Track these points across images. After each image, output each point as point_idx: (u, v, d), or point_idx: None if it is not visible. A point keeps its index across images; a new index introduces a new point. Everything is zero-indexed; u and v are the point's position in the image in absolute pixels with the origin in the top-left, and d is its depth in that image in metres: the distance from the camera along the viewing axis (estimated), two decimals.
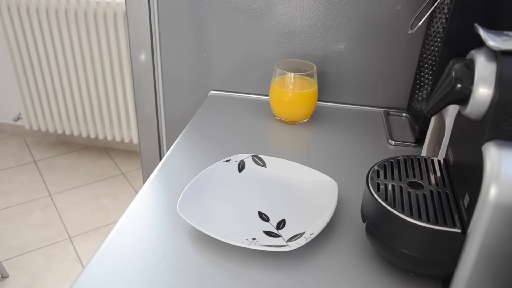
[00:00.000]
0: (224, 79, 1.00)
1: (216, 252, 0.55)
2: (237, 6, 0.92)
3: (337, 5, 0.88)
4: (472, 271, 0.44)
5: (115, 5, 1.89)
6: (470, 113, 0.44)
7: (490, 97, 0.42)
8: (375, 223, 0.51)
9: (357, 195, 0.61)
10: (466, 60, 0.45)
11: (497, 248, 0.43)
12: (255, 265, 0.54)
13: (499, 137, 0.42)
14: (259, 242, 0.55)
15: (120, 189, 2.12)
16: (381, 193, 0.50)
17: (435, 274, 0.50)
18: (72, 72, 2.08)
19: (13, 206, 1.99)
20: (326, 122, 0.88)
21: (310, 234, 0.55)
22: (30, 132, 2.51)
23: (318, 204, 0.62)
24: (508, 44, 0.41)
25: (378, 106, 0.95)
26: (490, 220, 0.42)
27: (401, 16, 0.86)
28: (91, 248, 1.74)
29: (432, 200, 0.49)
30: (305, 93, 0.83)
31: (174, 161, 0.74)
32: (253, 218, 0.60)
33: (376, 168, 0.55)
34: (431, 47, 0.78)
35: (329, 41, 0.91)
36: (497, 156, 0.41)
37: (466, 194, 0.46)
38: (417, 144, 0.81)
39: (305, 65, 0.87)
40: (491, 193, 0.41)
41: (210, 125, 0.87)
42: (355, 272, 0.53)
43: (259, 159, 0.71)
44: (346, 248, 0.57)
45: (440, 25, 0.74)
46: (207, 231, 0.54)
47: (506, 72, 0.41)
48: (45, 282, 1.60)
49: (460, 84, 0.44)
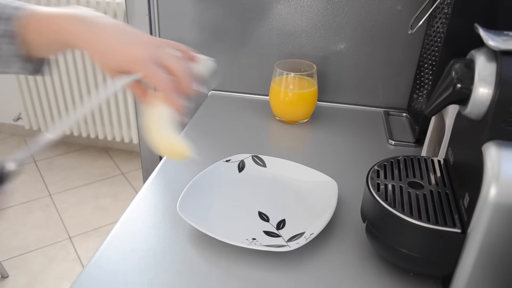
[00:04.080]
0: (224, 79, 1.00)
1: (216, 252, 0.55)
2: (237, 6, 0.92)
3: (337, 5, 0.88)
4: (472, 271, 0.44)
5: (115, 5, 1.88)
6: (470, 113, 0.44)
7: (490, 97, 0.42)
8: (375, 223, 0.51)
9: (357, 195, 0.61)
10: (466, 60, 0.45)
11: (497, 248, 0.43)
12: (255, 265, 0.54)
13: (499, 137, 0.42)
14: (259, 242, 0.55)
15: (120, 189, 2.12)
16: (381, 193, 0.50)
17: (435, 274, 0.50)
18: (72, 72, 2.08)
19: (13, 206, 1.98)
20: (326, 122, 0.88)
21: (310, 234, 0.55)
22: (30, 132, 2.51)
23: (318, 204, 0.62)
24: (508, 44, 0.41)
25: (378, 106, 0.95)
26: (490, 220, 0.42)
27: (401, 16, 0.86)
28: (91, 248, 1.74)
29: (432, 200, 0.49)
30: (305, 93, 0.83)
31: (174, 161, 0.74)
32: (253, 218, 0.60)
33: (376, 168, 0.55)
34: (431, 47, 0.78)
35: (329, 41, 0.91)
36: (497, 156, 0.41)
37: (466, 194, 0.46)
38: (417, 144, 0.81)
39: (305, 65, 0.87)
40: (491, 193, 0.41)
41: (210, 125, 0.87)
42: (355, 272, 0.53)
43: (259, 159, 0.71)
44: (346, 248, 0.57)
45: (440, 25, 0.74)
46: (207, 231, 0.54)
47: (506, 72, 0.41)
48: (45, 282, 1.60)
49: (460, 84, 0.44)
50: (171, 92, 0.50)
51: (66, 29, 0.50)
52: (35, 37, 0.51)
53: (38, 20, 0.51)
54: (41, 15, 0.51)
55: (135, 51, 0.49)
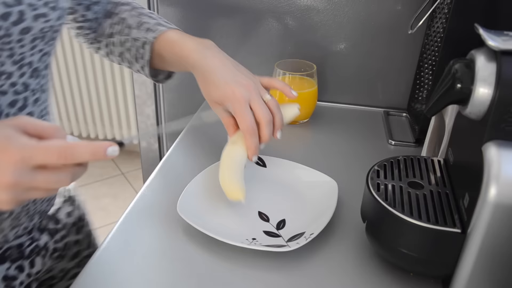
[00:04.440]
0: None
1: (216, 252, 0.55)
2: (237, 6, 0.92)
3: (337, 5, 0.88)
4: (472, 271, 0.44)
5: None
6: (470, 113, 0.44)
7: (490, 97, 0.42)
8: (375, 223, 0.51)
9: (357, 195, 0.61)
10: (466, 60, 0.45)
11: (497, 248, 0.43)
12: (255, 265, 0.54)
13: (499, 137, 0.42)
14: (259, 242, 0.55)
15: (120, 189, 2.12)
16: (381, 193, 0.50)
17: (435, 274, 0.50)
18: (72, 72, 2.08)
19: None
20: (326, 122, 0.88)
21: (310, 234, 0.55)
22: None
23: (318, 204, 0.62)
24: (508, 44, 0.41)
25: (378, 106, 0.95)
26: (490, 220, 0.42)
27: (401, 16, 0.86)
28: None
29: (432, 200, 0.49)
30: (305, 93, 0.83)
31: (174, 161, 0.74)
32: (253, 218, 0.60)
33: (376, 168, 0.55)
34: (431, 47, 0.78)
35: (329, 41, 0.91)
36: (497, 156, 0.41)
37: (466, 194, 0.46)
38: (417, 144, 0.81)
39: (305, 65, 0.87)
40: (491, 193, 0.41)
41: (210, 125, 0.86)
42: (355, 272, 0.53)
43: (259, 159, 0.71)
44: (346, 248, 0.57)
45: (440, 25, 0.74)
46: (207, 231, 0.54)
47: (506, 72, 0.41)
48: None
49: (460, 84, 0.44)
50: (249, 135, 0.57)
51: (185, 56, 0.61)
52: (162, 52, 0.63)
53: (167, 39, 0.62)
54: (171, 37, 0.62)
55: (233, 90, 0.57)
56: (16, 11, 0.45)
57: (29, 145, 0.38)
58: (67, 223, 0.68)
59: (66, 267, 0.69)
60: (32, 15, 0.47)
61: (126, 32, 0.65)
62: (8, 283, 0.58)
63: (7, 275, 0.58)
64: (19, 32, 0.46)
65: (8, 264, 0.58)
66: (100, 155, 0.40)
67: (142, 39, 0.63)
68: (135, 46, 0.64)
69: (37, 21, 0.48)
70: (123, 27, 0.65)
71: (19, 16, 0.45)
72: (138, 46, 0.64)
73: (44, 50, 0.52)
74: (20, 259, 0.59)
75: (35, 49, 0.50)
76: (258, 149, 0.59)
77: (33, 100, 0.52)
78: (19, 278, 0.59)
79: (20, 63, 0.49)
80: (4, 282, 0.58)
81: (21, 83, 0.50)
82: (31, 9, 0.46)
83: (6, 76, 0.48)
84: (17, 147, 0.37)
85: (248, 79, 0.59)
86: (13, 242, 0.59)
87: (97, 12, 0.67)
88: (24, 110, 0.51)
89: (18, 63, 0.49)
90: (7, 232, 0.56)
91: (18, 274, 0.59)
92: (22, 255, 0.60)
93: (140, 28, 0.64)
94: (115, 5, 0.68)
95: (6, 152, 0.37)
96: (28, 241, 0.60)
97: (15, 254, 0.59)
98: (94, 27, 0.68)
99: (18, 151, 0.37)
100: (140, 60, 0.65)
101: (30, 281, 0.61)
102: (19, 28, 0.46)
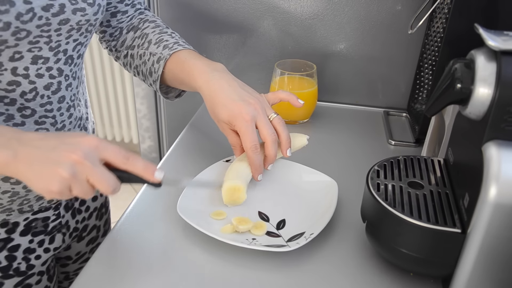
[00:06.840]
0: None
1: (216, 252, 0.55)
2: (237, 6, 0.92)
3: (337, 5, 0.88)
4: (472, 271, 0.44)
5: None
6: (470, 113, 0.44)
7: (490, 97, 0.42)
8: (375, 223, 0.51)
9: (357, 195, 0.60)
10: (466, 60, 0.45)
11: (497, 248, 0.43)
12: (255, 265, 0.54)
13: (499, 137, 0.42)
14: (259, 242, 0.55)
15: None
16: (381, 193, 0.50)
17: (435, 274, 0.50)
18: None
19: None
20: (326, 122, 0.88)
21: (310, 234, 0.55)
22: None
23: (318, 204, 0.62)
24: (508, 44, 0.41)
25: (378, 106, 0.95)
26: (490, 220, 0.42)
27: (401, 16, 0.86)
28: None
29: (432, 200, 0.49)
30: (305, 93, 0.83)
31: (174, 161, 0.74)
32: (253, 218, 0.60)
33: (376, 168, 0.55)
34: (431, 47, 0.78)
35: (329, 41, 0.91)
36: (497, 156, 0.41)
37: (466, 194, 0.46)
38: (417, 144, 0.81)
39: (305, 65, 0.87)
40: (491, 193, 0.41)
41: (210, 125, 0.86)
42: (355, 272, 0.53)
43: None
44: (346, 248, 0.57)
45: (440, 25, 0.74)
46: (207, 231, 0.54)
47: (506, 72, 0.41)
48: None
49: (460, 84, 0.44)
50: (252, 153, 0.58)
51: (193, 76, 0.62)
52: (174, 70, 0.65)
53: (180, 58, 0.64)
54: (183, 56, 0.64)
55: (240, 109, 0.58)
56: (57, 4, 0.51)
57: (105, 141, 0.46)
58: (91, 206, 0.72)
59: (81, 251, 0.74)
60: (71, 8, 0.53)
61: (146, 47, 0.68)
62: (26, 255, 0.62)
63: (29, 248, 0.62)
64: (58, 23, 0.52)
65: (30, 237, 0.62)
66: (150, 172, 0.48)
67: (158, 54, 0.66)
68: (151, 61, 0.67)
69: (76, 14, 0.54)
70: (144, 41, 0.68)
71: (60, 9, 0.52)
72: (153, 61, 0.66)
73: (78, 40, 0.57)
74: (42, 233, 0.63)
75: (70, 38, 0.56)
76: (262, 168, 0.61)
77: (66, 85, 0.58)
78: (37, 252, 0.63)
79: (56, 50, 0.55)
80: (23, 254, 0.62)
81: (56, 68, 0.56)
82: (71, 3, 0.53)
83: (43, 61, 0.54)
84: (97, 138, 0.46)
85: (255, 98, 0.61)
86: (39, 215, 0.62)
87: (121, 21, 0.70)
88: (57, 93, 0.57)
89: (54, 50, 0.54)
90: (33, 202, 0.60)
91: (38, 248, 0.63)
92: (46, 229, 0.64)
93: (158, 45, 0.67)
94: (141, 21, 0.71)
95: (86, 137, 0.46)
96: (54, 216, 0.64)
97: (40, 227, 0.63)
98: (116, 35, 0.71)
99: (96, 140, 0.46)
100: (153, 74, 0.67)
101: (47, 258, 0.65)
102: (58, 19, 0.52)
